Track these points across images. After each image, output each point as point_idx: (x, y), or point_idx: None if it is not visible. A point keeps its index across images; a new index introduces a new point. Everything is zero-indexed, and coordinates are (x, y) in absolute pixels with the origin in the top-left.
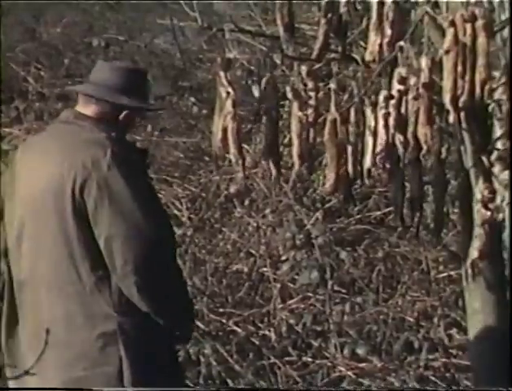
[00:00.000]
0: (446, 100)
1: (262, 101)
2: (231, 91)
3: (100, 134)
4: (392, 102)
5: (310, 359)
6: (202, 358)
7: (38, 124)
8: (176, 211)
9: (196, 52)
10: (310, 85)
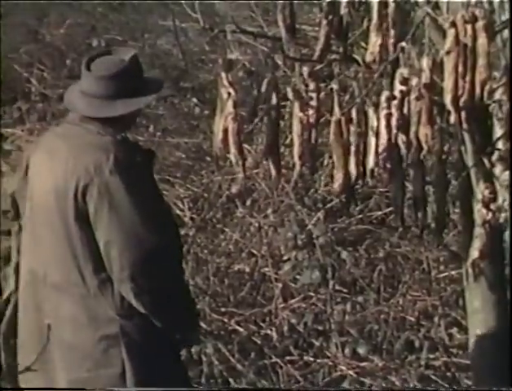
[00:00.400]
0: (447, 100)
1: (263, 102)
2: (232, 92)
3: (105, 138)
4: (394, 102)
5: (311, 358)
6: (204, 358)
7: (41, 124)
8: (178, 211)
9: (198, 53)
10: (311, 85)
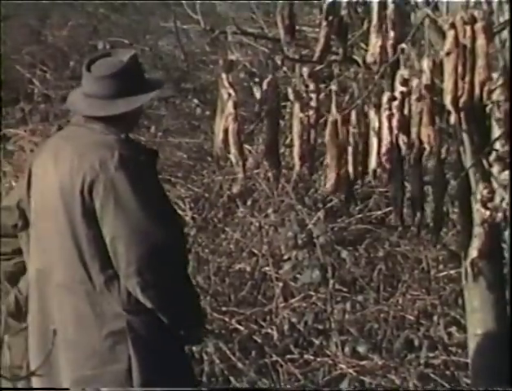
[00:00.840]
0: (447, 101)
1: (263, 102)
2: (232, 93)
3: (109, 136)
4: (395, 103)
5: (311, 357)
6: (205, 356)
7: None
8: (179, 211)
9: (199, 54)
10: (311, 86)
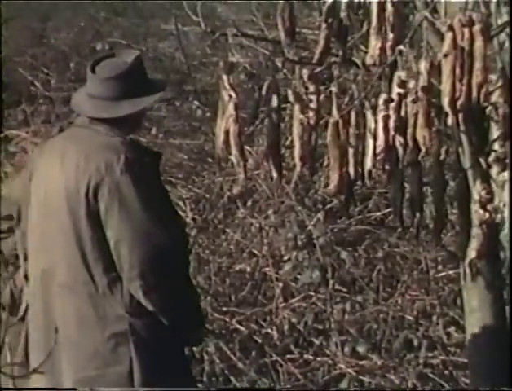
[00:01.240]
0: (444, 103)
1: (264, 104)
2: (233, 94)
3: (115, 139)
4: (392, 105)
5: (311, 357)
6: (206, 356)
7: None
8: (180, 212)
9: (200, 56)
10: (311, 88)
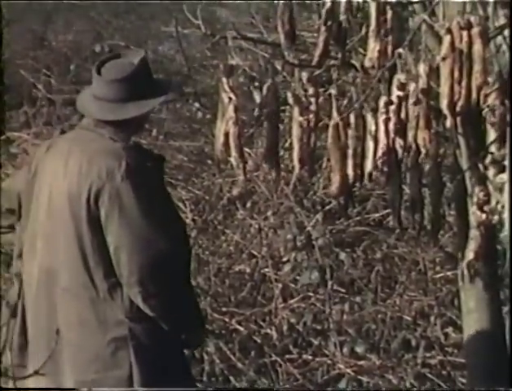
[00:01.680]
0: (443, 105)
1: (263, 106)
2: (233, 97)
3: (117, 144)
4: (392, 107)
5: (310, 357)
6: (206, 356)
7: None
8: (180, 213)
9: (200, 59)
10: (310, 90)
